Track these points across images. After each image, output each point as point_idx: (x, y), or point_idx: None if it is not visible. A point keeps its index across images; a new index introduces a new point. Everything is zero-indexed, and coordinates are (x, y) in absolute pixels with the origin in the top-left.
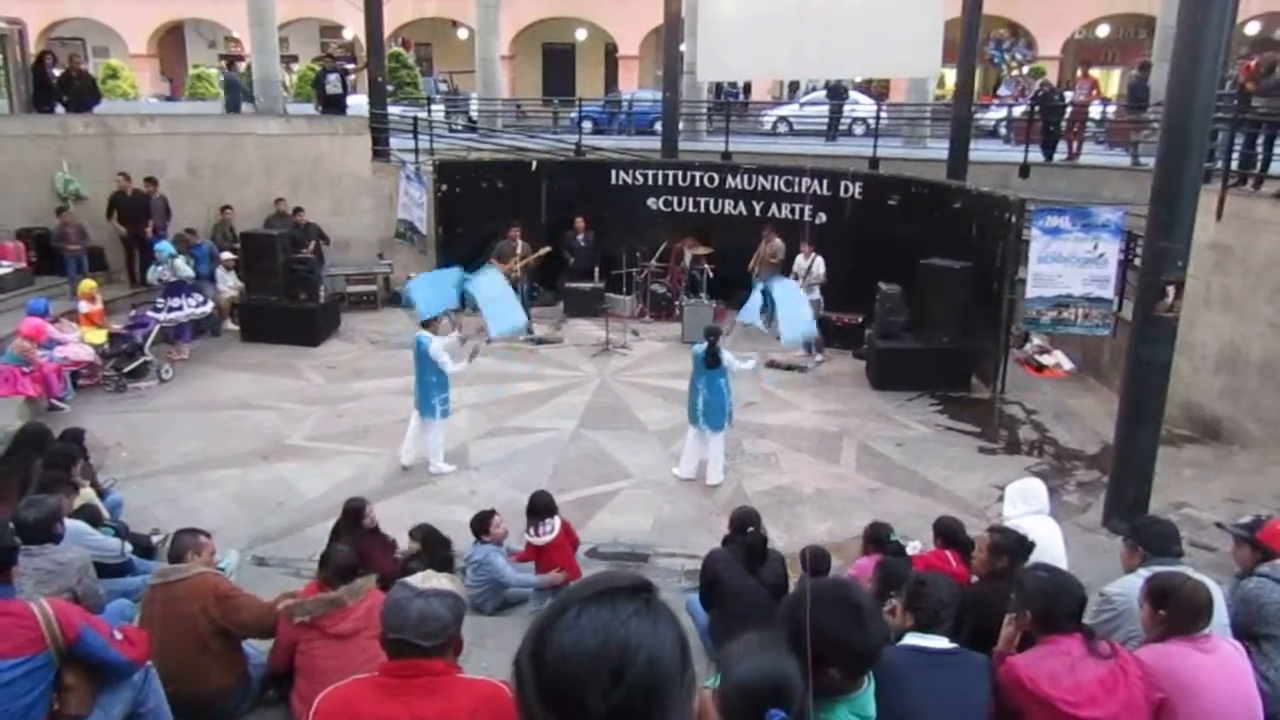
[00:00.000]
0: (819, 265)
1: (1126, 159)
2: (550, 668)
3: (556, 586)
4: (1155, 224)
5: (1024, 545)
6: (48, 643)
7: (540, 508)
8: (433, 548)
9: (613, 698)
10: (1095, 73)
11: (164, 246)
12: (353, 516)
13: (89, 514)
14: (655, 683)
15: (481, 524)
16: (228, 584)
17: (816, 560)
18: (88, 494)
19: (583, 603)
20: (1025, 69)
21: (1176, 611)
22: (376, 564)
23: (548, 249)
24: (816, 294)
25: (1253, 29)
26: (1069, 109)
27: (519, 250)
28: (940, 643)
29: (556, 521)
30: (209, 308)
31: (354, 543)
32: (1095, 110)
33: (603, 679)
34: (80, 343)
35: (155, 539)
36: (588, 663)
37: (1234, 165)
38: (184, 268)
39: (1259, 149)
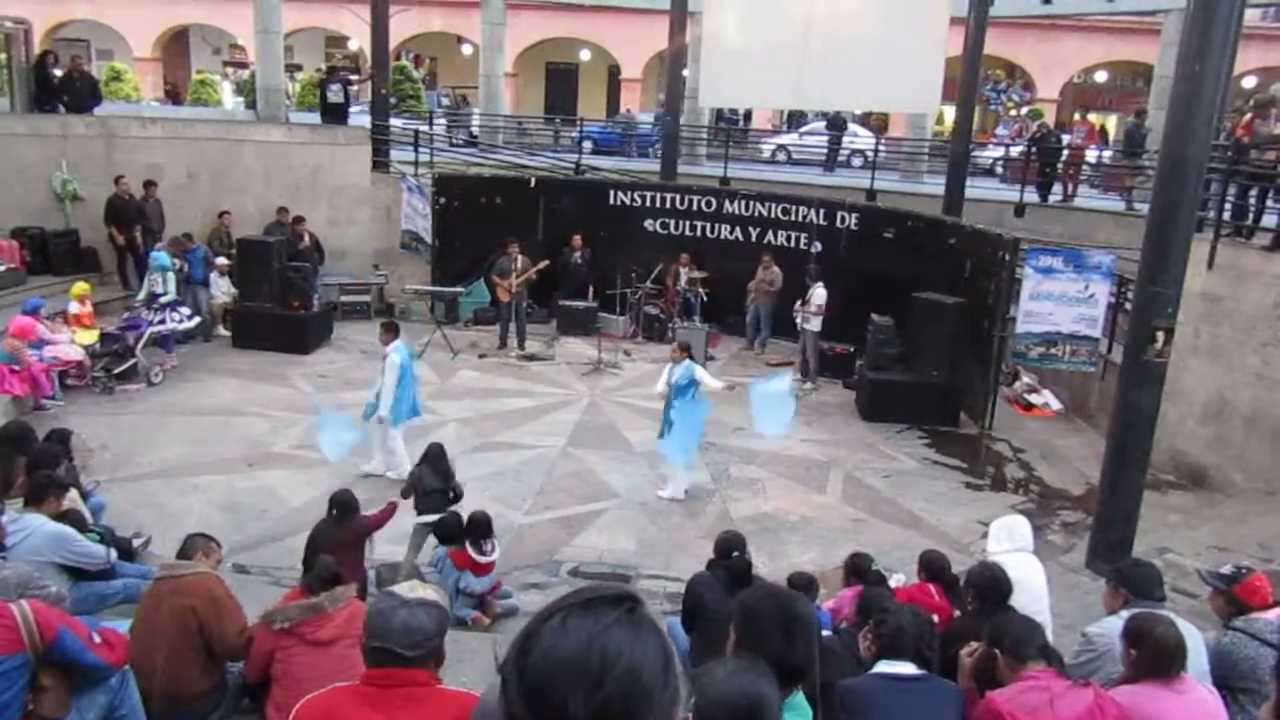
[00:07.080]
0: (819, 294)
1: (1121, 204)
2: (533, 671)
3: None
4: (1147, 269)
5: (998, 586)
6: (25, 644)
7: (483, 526)
8: (433, 460)
9: (592, 703)
10: (1093, 117)
11: (161, 258)
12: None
13: (74, 519)
14: (634, 690)
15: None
16: (224, 589)
17: (797, 583)
18: (72, 496)
19: (568, 610)
20: (1024, 110)
21: (1146, 653)
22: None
23: (546, 262)
24: (815, 324)
25: (1249, 82)
26: (1066, 151)
27: (518, 265)
28: (907, 669)
29: (496, 546)
30: (194, 322)
31: (341, 534)
32: (1091, 155)
33: (583, 684)
34: (71, 343)
35: (137, 543)
36: (569, 668)
37: (1226, 216)
38: (160, 285)
39: (1251, 200)
